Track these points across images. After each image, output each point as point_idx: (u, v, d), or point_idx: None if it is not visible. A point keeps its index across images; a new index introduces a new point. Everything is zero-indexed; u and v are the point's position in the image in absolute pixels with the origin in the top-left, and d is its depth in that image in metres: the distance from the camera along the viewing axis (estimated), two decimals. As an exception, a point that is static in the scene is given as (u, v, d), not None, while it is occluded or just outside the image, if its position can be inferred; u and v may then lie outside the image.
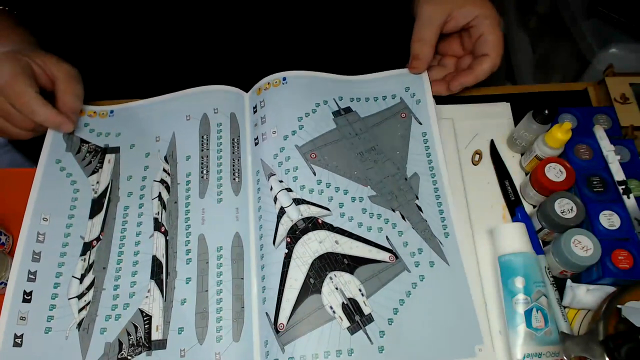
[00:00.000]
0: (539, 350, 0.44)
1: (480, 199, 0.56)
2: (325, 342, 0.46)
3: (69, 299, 0.49)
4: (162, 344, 0.47)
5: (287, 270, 0.49)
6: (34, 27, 0.60)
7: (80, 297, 0.50)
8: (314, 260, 0.49)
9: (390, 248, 0.51)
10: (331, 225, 0.51)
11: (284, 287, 0.48)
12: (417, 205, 0.53)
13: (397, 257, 0.50)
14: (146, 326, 0.48)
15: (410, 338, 0.47)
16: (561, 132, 0.52)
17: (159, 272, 0.51)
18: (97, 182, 0.56)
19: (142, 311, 0.49)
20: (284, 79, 0.58)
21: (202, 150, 0.57)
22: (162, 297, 0.49)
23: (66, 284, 0.50)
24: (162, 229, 0.53)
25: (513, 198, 0.56)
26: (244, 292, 0.49)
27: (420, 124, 0.57)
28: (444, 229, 0.52)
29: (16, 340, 0.47)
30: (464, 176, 0.57)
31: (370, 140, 0.56)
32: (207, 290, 0.49)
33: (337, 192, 0.53)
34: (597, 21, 1.00)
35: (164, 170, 0.56)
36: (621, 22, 0.97)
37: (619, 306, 0.39)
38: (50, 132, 0.58)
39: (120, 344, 0.47)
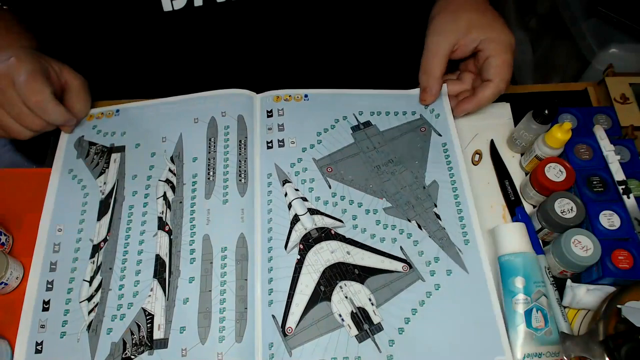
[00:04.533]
0: (539, 350, 0.44)
1: (480, 199, 0.56)
2: (332, 349, 0.46)
3: (80, 302, 0.50)
4: (163, 343, 0.47)
5: (298, 276, 0.50)
6: (43, 28, 0.59)
7: (89, 299, 0.50)
8: (325, 268, 0.50)
9: (404, 258, 0.51)
10: (343, 237, 0.52)
11: (294, 292, 0.49)
12: (435, 213, 0.53)
13: (410, 266, 0.50)
14: (148, 325, 0.48)
15: (422, 348, 0.46)
16: (561, 132, 0.52)
17: (161, 271, 0.51)
18: (105, 183, 0.56)
19: (144, 310, 0.49)
20: (306, 96, 0.60)
21: (209, 153, 0.57)
22: (165, 296, 0.50)
23: (78, 288, 0.51)
24: (166, 228, 0.53)
25: (513, 198, 0.56)
26: (247, 294, 0.49)
27: (440, 135, 0.58)
28: (464, 236, 0.52)
29: (37, 347, 0.48)
30: (463, 176, 0.57)
31: (389, 153, 0.57)
32: (210, 290, 0.49)
33: (351, 204, 0.54)
34: (597, 21, 1.00)
35: (170, 170, 0.56)
36: (621, 22, 0.97)
37: (619, 306, 0.40)
38: (62, 143, 0.59)
39: (125, 343, 0.48)
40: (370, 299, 0.49)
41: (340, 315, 0.48)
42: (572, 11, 1.04)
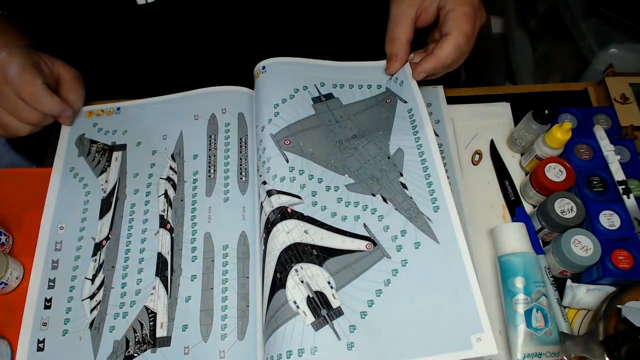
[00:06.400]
0: (539, 350, 0.44)
1: (480, 199, 0.56)
2: (287, 342, 0.42)
3: (82, 300, 0.50)
4: (166, 341, 0.48)
5: (264, 268, 0.47)
6: (34, 29, 0.60)
7: (92, 297, 0.50)
8: (281, 252, 0.46)
9: (368, 235, 0.47)
10: (301, 214, 0.48)
11: (263, 286, 0.47)
12: (401, 183, 0.49)
13: (375, 244, 0.47)
14: (151, 323, 0.48)
15: (388, 332, 0.42)
16: (561, 132, 0.52)
17: (163, 269, 0.51)
18: (106, 181, 0.56)
19: (147, 308, 0.49)
20: (264, 67, 0.57)
21: (210, 150, 0.57)
22: (167, 294, 0.50)
23: (80, 286, 0.51)
24: (168, 226, 0.53)
25: (513, 198, 0.56)
26: (249, 291, 0.49)
27: (405, 102, 0.54)
28: (433, 202, 0.47)
29: (39, 345, 0.49)
30: (464, 176, 0.57)
31: (352, 128, 0.54)
32: (212, 288, 0.49)
33: (310, 179, 0.50)
34: (597, 21, 1.00)
35: (171, 168, 0.56)
36: (621, 22, 0.97)
37: (619, 306, 0.40)
38: (63, 142, 0.59)
39: (127, 341, 0.48)
40: (329, 282, 0.45)
41: (295, 302, 0.44)
42: (572, 11, 1.04)
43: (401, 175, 0.50)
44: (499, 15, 1.27)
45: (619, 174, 0.53)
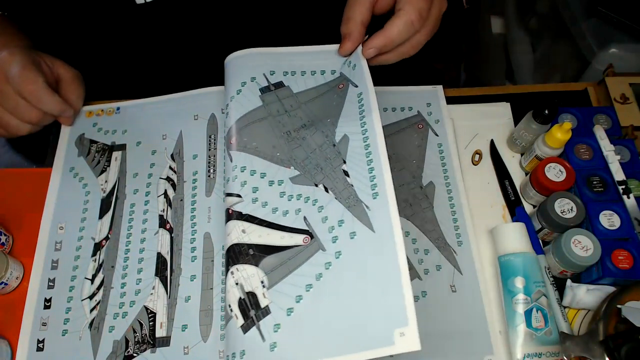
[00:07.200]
0: (539, 350, 0.44)
1: (480, 199, 0.56)
2: (225, 347, 0.42)
3: (82, 300, 0.50)
4: (165, 341, 0.48)
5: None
6: (33, 29, 0.60)
7: (91, 297, 0.50)
8: (223, 256, 0.45)
9: (306, 229, 0.45)
10: (240, 213, 0.46)
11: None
12: (344, 170, 0.47)
13: (312, 237, 0.45)
14: (151, 323, 0.48)
15: (311, 329, 0.40)
16: (561, 132, 0.52)
17: (163, 269, 0.51)
18: (106, 181, 0.56)
19: (147, 308, 0.49)
20: (225, 65, 0.56)
21: (209, 150, 0.57)
22: (167, 294, 0.50)
23: (80, 286, 0.51)
24: (167, 226, 0.53)
25: (513, 198, 0.56)
26: None
27: (356, 86, 0.51)
28: (373, 189, 0.45)
29: (39, 345, 0.49)
30: (464, 176, 0.57)
31: (302, 118, 0.51)
32: (211, 288, 0.49)
33: (252, 175, 0.48)
34: (597, 21, 1.00)
35: (170, 168, 0.56)
36: (621, 22, 0.97)
37: (619, 306, 0.40)
38: (63, 142, 0.59)
39: (127, 341, 0.48)
40: (262, 282, 0.43)
41: (229, 306, 0.42)
42: (572, 11, 1.04)
43: (344, 162, 0.48)
44: (499, 15, 1.27)
45: (619, 174, 0.53)
